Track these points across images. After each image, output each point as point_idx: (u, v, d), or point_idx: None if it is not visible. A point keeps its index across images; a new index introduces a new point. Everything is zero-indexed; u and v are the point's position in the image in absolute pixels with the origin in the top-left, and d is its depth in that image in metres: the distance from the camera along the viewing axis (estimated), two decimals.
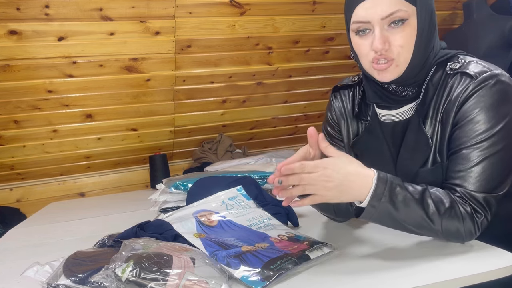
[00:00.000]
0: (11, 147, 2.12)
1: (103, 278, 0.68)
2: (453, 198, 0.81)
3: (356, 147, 1.02)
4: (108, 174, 2.46)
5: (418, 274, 0.73)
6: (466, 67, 0.86)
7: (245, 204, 1.03)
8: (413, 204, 0.79)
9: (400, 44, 0.83)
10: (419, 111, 0.89)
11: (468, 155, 0.82)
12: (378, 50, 0.83)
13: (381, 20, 0.82)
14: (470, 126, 0.83)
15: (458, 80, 0.86)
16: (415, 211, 0.79)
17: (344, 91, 1.07)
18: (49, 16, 1.73)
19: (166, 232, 0.87)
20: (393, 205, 0.78)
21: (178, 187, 1.15)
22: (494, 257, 0.77)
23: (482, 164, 0.81)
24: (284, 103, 2.51)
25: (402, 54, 0.84)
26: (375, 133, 0.97)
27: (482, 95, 0.82)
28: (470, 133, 0.83)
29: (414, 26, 0.83)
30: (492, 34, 2.14)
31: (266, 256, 0.78)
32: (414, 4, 0.82)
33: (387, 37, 0.83)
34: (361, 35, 0.86)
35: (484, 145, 0.81)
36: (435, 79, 0.89)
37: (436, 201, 0.80)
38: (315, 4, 2.06)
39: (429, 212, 0.79)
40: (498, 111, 0.82)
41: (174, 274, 0.66)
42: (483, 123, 0.82)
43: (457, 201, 0.81)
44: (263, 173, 1.38)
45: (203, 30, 1.98)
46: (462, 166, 0.83)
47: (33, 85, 1.92)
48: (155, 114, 2.25)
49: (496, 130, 0.81)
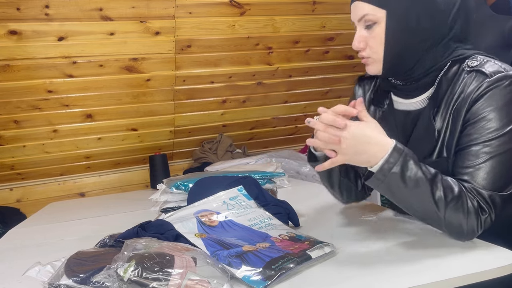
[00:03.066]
0: (11, 147, 2.13)
1: (105, 278, 0.68)
2: (462, 190, 0.82)
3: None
4: (108, 174, 2.46)
5: (418, 273, 0.73)
6: (483, 65, 0.87)
7: (246, 204, 1.03)
8: (422, 182, 0.80)
9: (370, 44, 0.93)
10: (430, 103, 0.92)
11: (477, 152, 0.83)
12: (355, 48, 0.95)
13: (358, 22, 0.94)
14: (481, 124, 0.84)
15: (472, 78, 0.87)
16: (423, 190, 0.80)
17: (368, 80, 1.13)
18: (49, 16, 1.73)
19: (168, 232, 0.87)
20: (402, 177, 0.80)
21: (179, 187, 1.15)
22: (495, 256, 0.77)
23: (490, 162, 0.82)
24: (284, 103, 2.52)
25: (375, 53, 0.93)
26: (389, 121, 1.00)
27: (495, 94, 0.83)
28: (480, 130, 0.84)
29: (383, 28, 0.90)
30: (492, 34, 2.14)
31: (268, 256, 0.78)
32: (384, 8, 0.89)
33: (365, 37, 0.94)
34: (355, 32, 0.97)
35: (494, 144, 0.82)
36: (450, 74, 0.90)
37: (446, 186, 0.81)
38: (315, 4, 2.06)
39: (436, 195, 0.80)
40: (510, 111, 0.82)
41: (176, 274, 0.67)
42: (494, 122, 0.82)
43: (466, 194, 0.81)
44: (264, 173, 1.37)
45: (203, 30, 1.98)
46: (470, 163, 0.84)
47: (33, 85, 1.92)
48: (155, 114, 2.26)
49: (507, 129, 0.82)
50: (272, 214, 1.00)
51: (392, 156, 0.80)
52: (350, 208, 1.25)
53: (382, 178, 0.81)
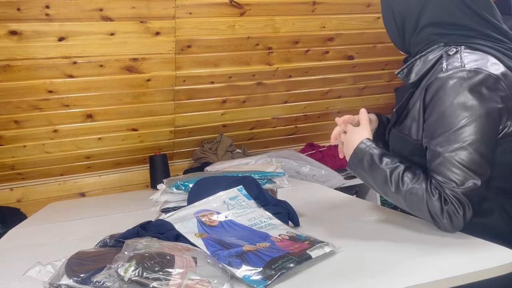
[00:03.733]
0: (12, 147, 2.13)
1: (106, 277, 0.68)
2: (424, 179, 0.88)
3: (396, 93, 1.15)
4: (109, 174, 2.46)
5: (418, 272, 0.73)
6: (450, 58, 0.90)
7: (246, 204, 1.03)
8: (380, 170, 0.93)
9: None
10: (403, 79, 1.00)
11: (438, 149, 0.87)
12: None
13: None
14: (435, 122, 0.88)
15: (436, 67, 0.92)
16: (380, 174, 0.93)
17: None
18: (50, 17, 1.73)
19: (168, 232, 0.88)
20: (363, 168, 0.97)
21: (179, 187, 1.15)
22: (494, 254, 0.77)
23: (444, 159, 0.86)
24: (284, 103, 2.52)
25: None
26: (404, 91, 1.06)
27: (443, 92, 0.87)
28: (432, 127, 0.89)
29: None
30: None
31: (268, 256, 0.78)
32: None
33: None
34: None
35: (445, 142, 0.86)
36: (430, 57, 0.95)
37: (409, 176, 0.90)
38: (315, 4, 2.06)
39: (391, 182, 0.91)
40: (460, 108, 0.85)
41: (177, 274, 0.67)
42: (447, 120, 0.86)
43: (427, 183, 0.87)
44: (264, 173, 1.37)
45: (203, 31, 1.98)
46: (429, 161, 0.90)
47: (34, 85, 1.92)
48: (156, 114, 2.26)
49: (456, 127, 0.85)
50: (272, 214, 1.01)
51: (358, 149, 0.98)
52: (350, 208, 1.25)
53: (352, 164, 1.00)
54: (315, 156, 2.51)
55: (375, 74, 2.56)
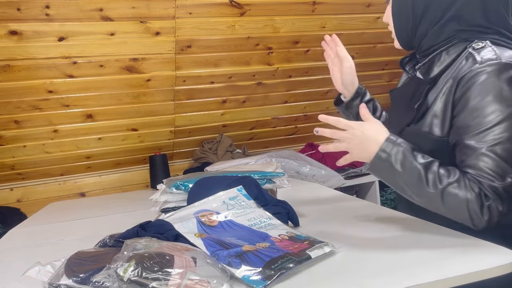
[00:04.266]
0: (12, 147, 2.13)
1: (105, 277, 0.68)
2: (461, 176, 0.83)
3: (391, 94, 1.14)
4: (109, 174, 2.46)
5: (418, 272, 0.73)
6: (482, 51, 0.88)
7: (246, 204, 1.03)
8: (415, 168, 0.84)
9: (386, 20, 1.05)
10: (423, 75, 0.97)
11: (472, 144, 0.84)
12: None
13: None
14: (473, 115, 0.85)
15: (466, 61, 0.89)
16: (416, 176, 0.84)
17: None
18: (50, 17, 1.73)
19: (167, 232, 0.88)
20: (394, 164, 0.86)
21: (179, 187, 1.15)
22: (495, 254, 0.77)
23: (486, 153, 0.83)
24: (284, 103, 2.52)
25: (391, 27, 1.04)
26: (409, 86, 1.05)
27: (483, 83, 0.84)
28: (473, 122, 0.85)
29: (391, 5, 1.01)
30: None
31: (267, 256, 0.78)
32: None
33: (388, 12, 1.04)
34: None
35: (487, 135, 0.83)
36: (452, 52, 0.93)
37: (441, 173, 0.84)
38: (315, 4, 2.06)
39: (429, 180, 0.83)
40: (501, 101, 0.83)
41: (176, 274, 0.67)
42: (486, 113, 0.84)
43: (464, 180, 0.83)
44: (263, 173, 1.37)
45: (203, 31, 1.98)
46: (466, 156, 0.85)
47: (34, 85, 1.92)
48: (155, 114, 2.26)
49: (498, 120, 0.83)
50: (271, 214, 1.01)
51: (385, 146, 0.87)
52: (350, 208, 1.25)
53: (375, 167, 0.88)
54: (315, 156, 2.51)
55: (375, 74, 2.56)
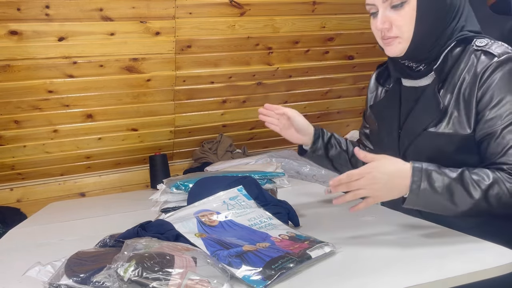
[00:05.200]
0: (12, 147, 2.13)
1: (105, 277, 0.68)
2: (495, 174, 0.84)
3: (373, 109, 1.12)
4: (109, 174, 2.46)
5: (418, 272, 0.73)
6: (490, 46, 0.91)
7: (246, 204, 1.03)
8: (453, 186, 0.82)
9: (399, 24, 0.93)
10: (436, 76, 0.95)
11: (504, 134, 0.86)
12: (380, 30, 0.95)
13: (383, 3, 0.93)
14: (500, 107, 0.86)
15: (480, 57, 0.90)
16: (458, 193, 0.82)
17: (382, 67, 1.16)
18: (50, 17, 1.73)
19: (168, 232, 0.88)
20: (433, 189, 0.83)
21: (179, 187, 1.15)
22: (495, 254, 0.77)
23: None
24: (284, 103, 2.52)
25: (404, 33, 0.93)
26: (392, 96, 1.05)
27: (506, 75, 0.86)
28: (501, 113, 0.86)
29: (414, 7, 0.91)
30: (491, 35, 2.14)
31: (268, 256, 0.78)
32: None
33: (389, 17, 0.93)
34: (373, 16, 0.98)
35: None
36: (455, 52, 0.94)
37: (477, 180, 0.83)
38: (315, 4, 2.06)
39: (472, 192, 0.82)
40: None
41: (176, 274, 0.67)
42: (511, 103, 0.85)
43: (499, 177, 0.83)
44: (264, 173, 1.37)
45: (203, 31, 1.98)
46: (500, 146, 0.86)
47: (34, 85, 1.92)
48: (155, 114, 2.26)
49: None
50: (272, 214, 1.01)
51: (415, 175, 0.83)
52: None
53: (415, 198, 0.83)
54: None
55: None
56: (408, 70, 1.00)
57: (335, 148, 1.21)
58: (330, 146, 1.21)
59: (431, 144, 0.93)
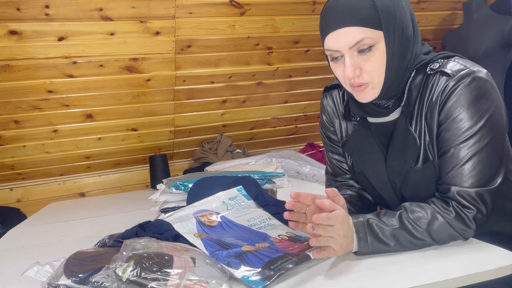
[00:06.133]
0: (11, 147, 2.13)
1: (104, 278, 0.68)
2: (432, 208, 0.83)
3: (346, 147, 1.04)
4: (108, 174, 2.46)
5: (418, 273, 0.73)
6: (445, 66, 0.87)
7: (246, 204, 1.03)
8: (397, 232, 0.81)
9: (370, 69, 0.85)
10: (404, 112, 0.90)
11: (457, 154, 0.84)
12: (350, 78, 0.86)
13: (349, 49, 0.84)
14: (454, 125, 0.84)
15: (437, 80, 0.87)
16: (403, 237, 0.81)
17: (335, 90, 1.08)
18: (49, 16, 1.73)
19: (167, 232, 0.88)
20: (380, 241, 0.81)
21: (179, 187, 1.15)
22: (495, 256, 0.77)
23: (471, 161, 0.83)
24: (284, 103, 2.52)
25: (375, 78, 0.86)
26: (364, 133, 0.98)
27: (461, 93, 0.83)
28: (455, 132, 0.84)
29: (383, 50, 0.84)
30: (491, 34, 2.14)
31: (267, 256, 0.78)
32: (379, 28, 0.83)
33: (358, 63, 0.85)
34: (335, 61, 0.88)
35: (471, 142, 0.83)
36: (417, 81, 0.90)
37: (416, 218, 0.82)
38: (315, 4, 2.06)
39: (415, 232, 0.81)
40: (479, 107, 0.83)
41: (175, 274, 0.67)
42: (466, 121, 0.83)
43: (437, 209, 0.82)
44: (263, 173, 1.38)
45: (203, 30, 1.98)
46: (452, 165, 0.84)
47: (33, 85, 1.92)
48: (155, 114, 2.26)
49: (479, 126, 0.82)
50: (271, 214, 1.00)
51: (359, 232, 0.81)
52: None
53: (367, 251, 0.82)
54: (315, 156, 2.51)
55: None
56: (375, 107, 0.93)
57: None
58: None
59: (422, 176, 0.90)
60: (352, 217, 0.82)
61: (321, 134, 1.12)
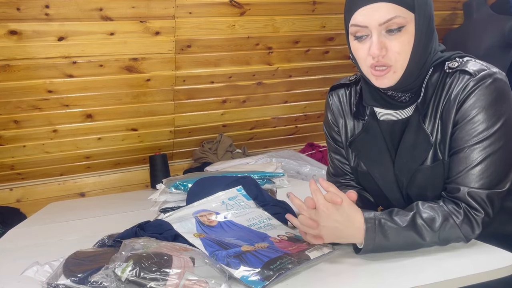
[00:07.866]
0: (11, 147, 2.13)
1: (103, 277, 0.68)
2: (444, 210, 0.82)
3: (353, 147, 1.02)
4: (108, 174, 2.46)
5: (418, 273, 0.73)
6: (465, 65, 0.87)
7: (245, 204, 1.03)
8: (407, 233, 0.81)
9: (397, 50, 0.83)
10: (419, 109, 0.89)
11: (470, 154, 0.83)
12: (376, 56, 0.83)
13: (379, 26, 0.82)
14: (470, 126, 0.83)
15: (457, 78, 0.86)
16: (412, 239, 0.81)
17: (341, 90, 1.07)
18: (49, 16, 1.73)
19: (166, 232, 0.87)
20: (388, 241, 0.80)
21: (178, 187, 1.15)
22: (495, 257, 0.77)
23: (484, 163, 0.82)
24: (284, 103, 2.52)
25: (399, 61, 0.84)
26: (373, 132, 0.97)
27: (481, 93, 0.83)
28: (470, 132, 0.83)
29: (412, 33, 0.83)
30: (491, 34, 2.14)
31: (266, 256, 0.78)
32: (412, 11, 0.82)
33: (385, 43, 0.83)
34: (359, 40, 0.86)
35: (485, 144, 0.82)
36: (434, 79, 0.89)
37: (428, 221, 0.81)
38: (315, 4, 2.06)
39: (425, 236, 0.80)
40: (497, 109, 0.82)
41: (174, 274, 0.66)
42: (482, 122, 0.82)
43: (449, 212, 0.82)
44: (263, 173, 1.37)
45: (203, 30, 1.98)
46: (464, 166, 0.84)
47: (33, 85, 1.92)
48: (155, 114, 2.26)
49: (495, 128, 0.82)
50: (271, 214, 1.00)
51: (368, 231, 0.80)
52: None
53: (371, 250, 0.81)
54: (315, 156, 2.51)
55: None
56: (389, 99, 0.91)
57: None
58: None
59: (429, 175, 0.90)
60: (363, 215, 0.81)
61: (325, 133, 1.12)
